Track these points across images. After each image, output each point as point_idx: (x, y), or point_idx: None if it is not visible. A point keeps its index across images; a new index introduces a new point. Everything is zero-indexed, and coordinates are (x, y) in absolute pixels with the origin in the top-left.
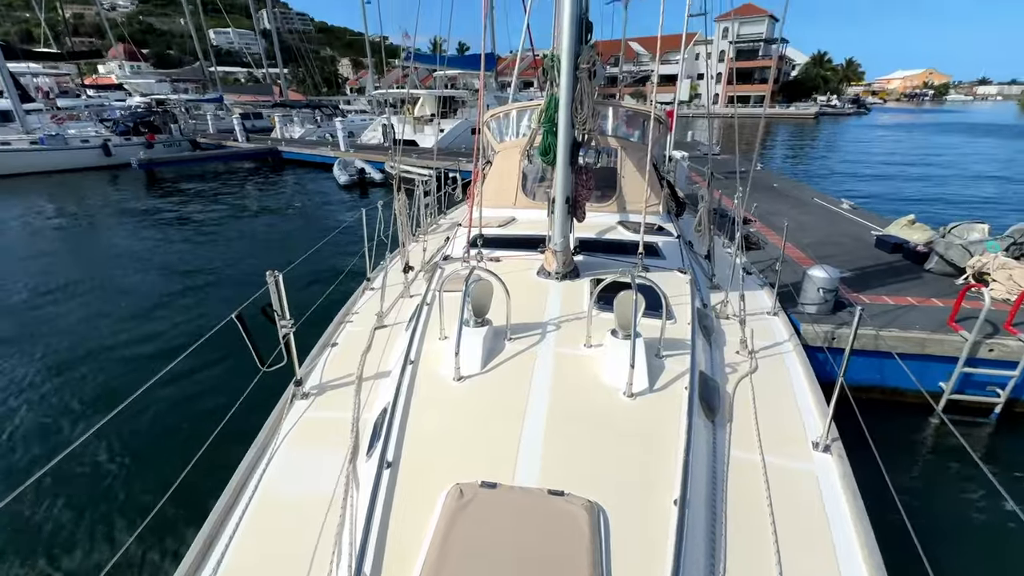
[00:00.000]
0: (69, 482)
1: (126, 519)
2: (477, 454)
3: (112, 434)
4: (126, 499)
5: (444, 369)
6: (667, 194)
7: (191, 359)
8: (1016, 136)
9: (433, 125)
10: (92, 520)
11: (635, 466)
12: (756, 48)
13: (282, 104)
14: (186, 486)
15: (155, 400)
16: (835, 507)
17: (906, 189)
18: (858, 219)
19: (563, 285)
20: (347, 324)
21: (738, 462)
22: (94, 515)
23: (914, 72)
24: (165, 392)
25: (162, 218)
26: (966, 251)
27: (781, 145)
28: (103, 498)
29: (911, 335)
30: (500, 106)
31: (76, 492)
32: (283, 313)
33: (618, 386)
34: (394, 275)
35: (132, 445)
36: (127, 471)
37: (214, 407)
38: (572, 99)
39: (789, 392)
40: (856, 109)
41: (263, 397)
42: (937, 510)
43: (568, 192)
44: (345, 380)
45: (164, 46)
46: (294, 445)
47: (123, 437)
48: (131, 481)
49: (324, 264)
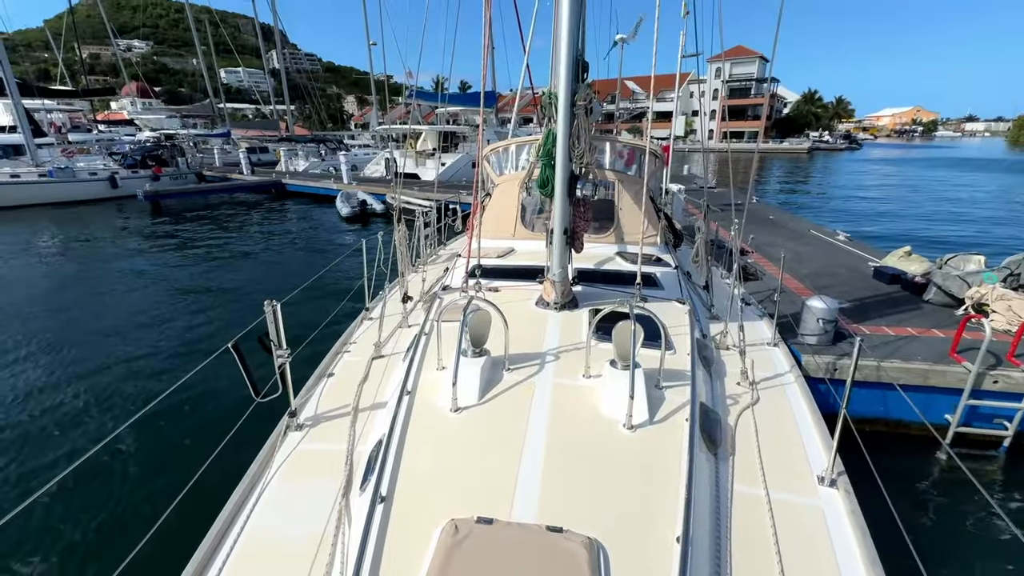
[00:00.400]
0: (47, 512)
1: (103, 557)
2: (473, 488)
3: (95, 465)
4: (105, 535)
5: (441, 400)
6: (664, 226)
7: (184, 390)
8: (1005, 170)
9: (435, 159)
10: (65, 554)
11: (635, 501)
12: (748, 87)
13: (287, 139)
14: (172, 523)
15: (144, 430)
16: (843, 544)
17: (901, 221)
18: (854, 250)
19: (562, 315)
20: (344, 354)
21: (742, 497)
22: (68, 548)
23: (903, 109)
24: (154, 423)
25: (164, 246)
26: (964, 282)
27: (776, 179)
28: (78, 531)
29: (914, 366)
30: (500, 141)
31: (51, 523)
32: (280, 343)
33: (618, 418)
34: (393, 305)
35: (116, 478)
36: (111, 505)
37: (205, 439)
38: (569, 134)
39: (792, 424)
40: (848, 145)
41: (257, 428)
42: (947, 548)
43: (566, 223)
44: (341, 411)
45: (176, 84)
46: (286, 479)
47: (108, 469)
48: (113, 516)
49: (323, 294)
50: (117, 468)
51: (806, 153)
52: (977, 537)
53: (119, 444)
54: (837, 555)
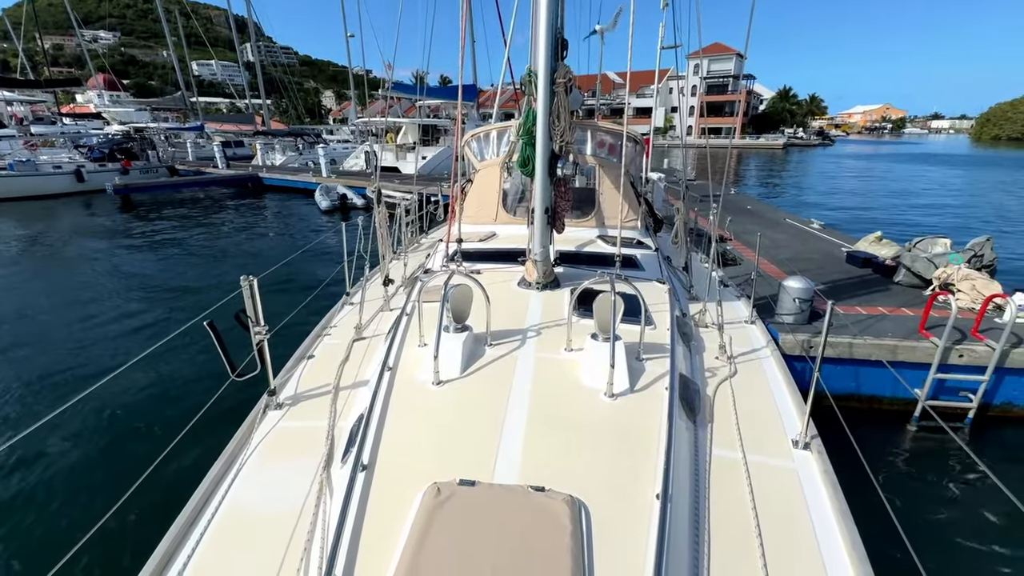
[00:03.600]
0: (7, 480)
1: (71, 530)
2: (456, 454)
3: (64, 435)
4: (73, 507)
5: (423, 374)
6: (645, 211)
7: (159, 368)
8: (968, 164)
9: (415, 152)
10: (32, 527)
11: (616, 463)
12: (726, 83)
13: (263, 132)
14: (145, 500)
15: (117, 406)
16: (817, 502)
17: (872, 210)
18: (828, 237)
19: (543, 295)
20: (325, 337)
21: (719, 460)
22: (35, 521)
23: (873, 107)
24: (125, 399)
25: (135, 241)
26: (931, 263)
27: (755, 173)
28: (47, 503)
29: (885, 343)
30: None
31: (16, 495)
32: (257, 319)
33: (599, 387)
34: (374, 290)
35: (84, 449)
36: (75, 477)
37: (180, 417)
38: (550, 112)
39: (768, 394)
40: (821, 141)
41: (236, 408)
42: (918, 506)
43: (547, 203)
44: (321, 390)
45: (146, 77)
46: (265, 455)
47: (77, 439)
48: (79, 489)
49: (303, 280)
50: (83, 444)
51: (781, 149)
52: (943, 496)
53: (86, 416)
54: (811, 512)
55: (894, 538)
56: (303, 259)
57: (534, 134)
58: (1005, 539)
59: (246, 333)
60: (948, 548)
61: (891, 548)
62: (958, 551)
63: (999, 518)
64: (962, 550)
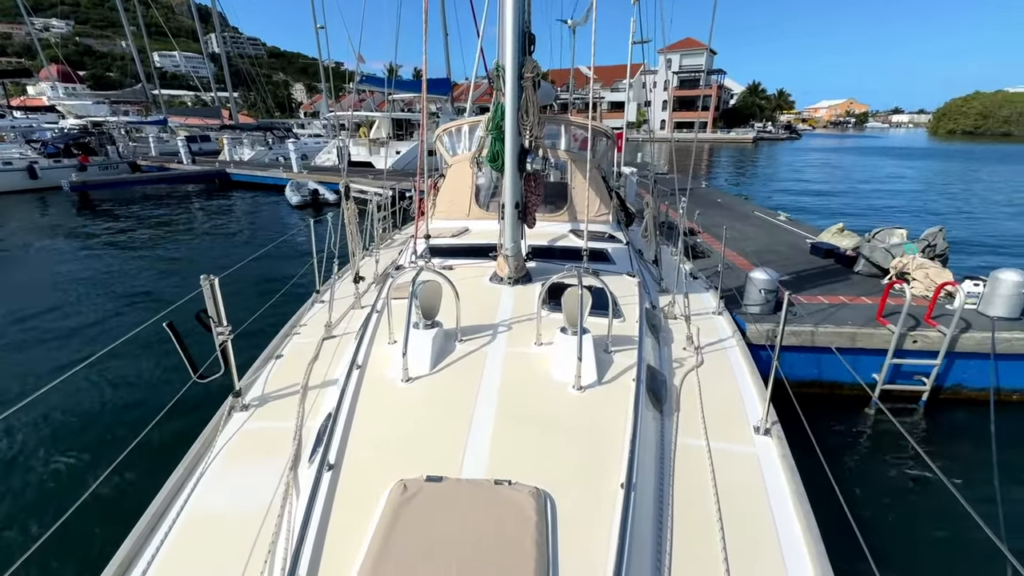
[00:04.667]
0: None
1: (21, 539)
2: (423, 451)
3: (11, 442)
4: (23, 515)
5: (392, 372)
6: (616, 205)
7: (118, 371)
8: (924, 157)
9: (388, 147)
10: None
11: (583, 454)
12: (697, 78)
13: (231, 127)
14: (102, 508)
15: (70, 411)
16: (775, 485)
17: (835, 201)
18: (794, 229)
19: (515, 290)
20: (294, 336)
21: (684, 448)
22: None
23: (838, 102)
24: (80, 404)
25: (93, 239)
26: (888, 253)
27: (726, 166)
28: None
29: (845, 330)
30: (453, 121)
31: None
32: (219, 320)
33: (567, 380)
34: (345, 287)
35: (31, 457)
36: (24, 485)
37: (135, 421)
38: (518, 107)
39: (732, 383)
40: (789, 135)
41: (200, 411)
42: (872, 487)
43: (518, 197)
44: (289, 390)
45: (103, 68)
46: (230, 458)
47: (24, 446)
48: (29, 497)
49: (273, 278)
50: (31, 452)
51: (752, 142)
52: (895, 475)
53: (33, 431)
54: (769, 495)
55: (846, 520)
56: (272, 257)
57: (503, 129)
58: (940, 519)
59: (208, 333)
60: (892, 528)
61: (844, 529)
62: (900, 530)
63: (936, 499)
64: (903, 529)
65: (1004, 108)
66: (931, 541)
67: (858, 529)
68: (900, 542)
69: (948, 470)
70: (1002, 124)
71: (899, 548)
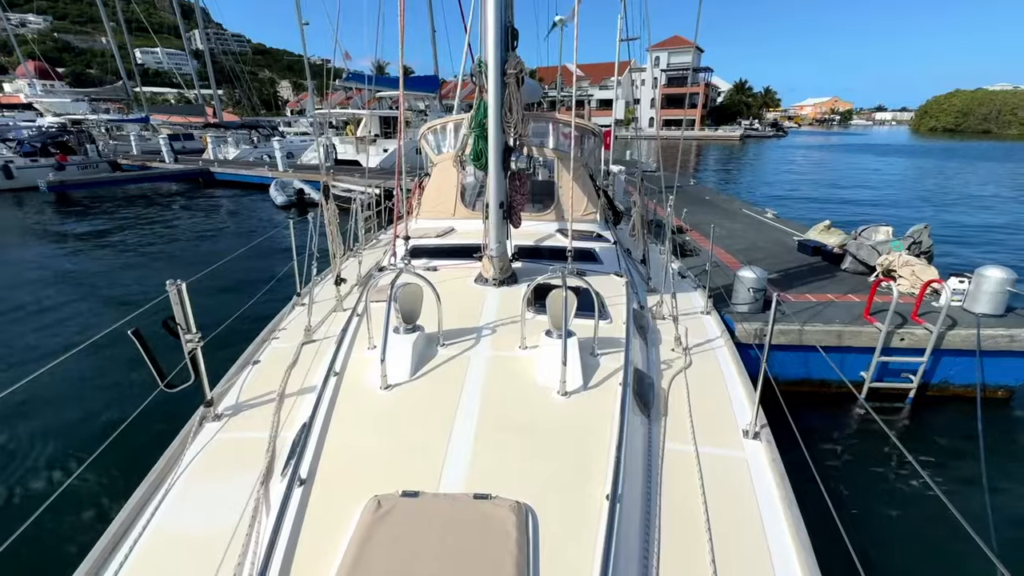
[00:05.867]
0: None
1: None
2: (400, 464)
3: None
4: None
5: (371, 379)
6: (604, 203)
7: (84, 379)
8: (908, 155)
9: (376, 146)
10: None
11: (567, 464)
12: (685, 76)
13: (214, 125)
14: (60, 525)
15: (33, 422)
16: (764, 490)
17: (821, 199)
18: (781, 226)
19: (500, 291)
20: (272, 340)
21: (672, 454)
22: None
23: (823, 99)
24: (45, 415)
25: (71, 242)
26: (875, 251)
27: (714, 164)
28: None
29: (833, 328)
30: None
31: None
32: (188, 327)
33: (552, 385)
34: (327, 290)
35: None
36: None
37: (99, 433)
38: (501, 104)
39: (721, 385)
40: (775, 133)
41: (172, 420)
42: (859, 488)
43: (502, 197)
44: (265, 398)
45: (83, 65)
46: (200, 471)
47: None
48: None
49: (253, 281)
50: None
51: (739, 140)
52: (882, 476)
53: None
54: (759, 500)
55: (834, 525)
56: (252, 258)
57: (487, 127)
58: (930, 523)
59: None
60: (880, 531)
61: (833, 535)
62: (888, 534)
63: (925, 501)
64: (892, 533)
65: (983, 106)
66: (921, 545)
67: (847, 535)
68: (889, 546)
69: (936, 467)
70: (981, 121)
71: (887, 553)
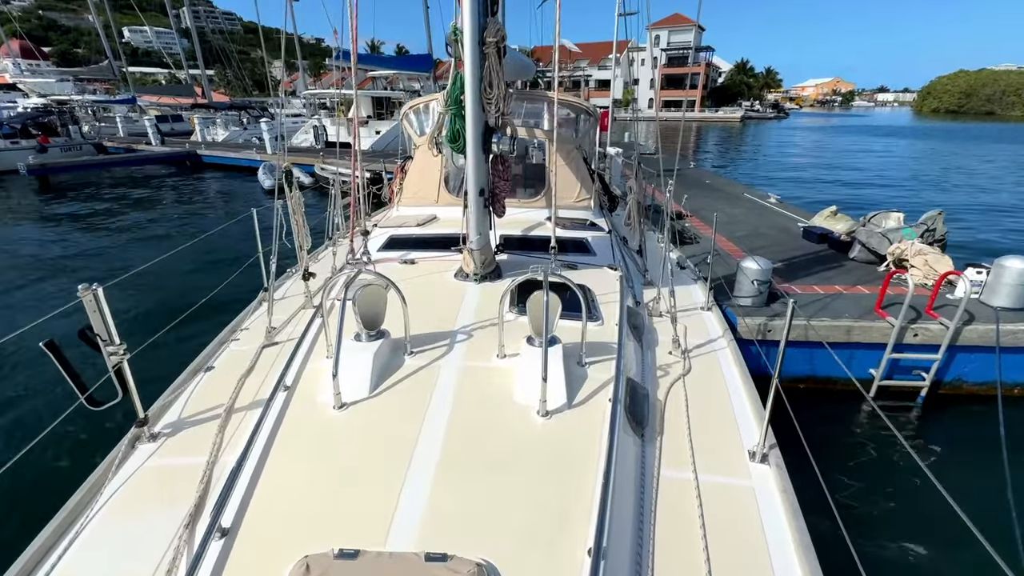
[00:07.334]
0: None
1: None
2: (342, 511)
3: None
4: None
5: (325, 395)
6: (599, 189)
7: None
8: (912, 136)
9: (368, 127)
10: None
11: (543, 508)
12: (685, 56)
13: (202, 105)
14: None
15: None
16: (774, 528)
17: (825, 183)
18: (784, 212)
19: (481, 288)
20: (232, 343)
21: (668, 483)
22: None
23: (824, 80)
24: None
25: (52, 226)
26: (885, 238)
27: (713, 146)
28: None
29: (841, 323)
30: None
31: None
32: (110, 337)
33: (531, 404)
34: (298, 285)
35: None
36: None
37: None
38: (480, 78)
39: (724, 395)
40: (777, 114)
41: (101, 444)
42: (874, 510)
43: (483, 183)
44: (212, 414)
45: (70, 44)
46: (120, 507)
47: None
48: None
49: (218, 273)
50: None
51: (739, 122)
52: (898, 490)
53: None
54: (768, 541)
55: (852, 564)
56: (222, 248)
57: (463, 103)
58: (954, 548)
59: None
60: (901, 553)
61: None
62: (906, 561)
63: (948, 525)
64: (909, 559)
65: (987, 87)
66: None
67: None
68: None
69: (955, 475)
70: (985, 103)
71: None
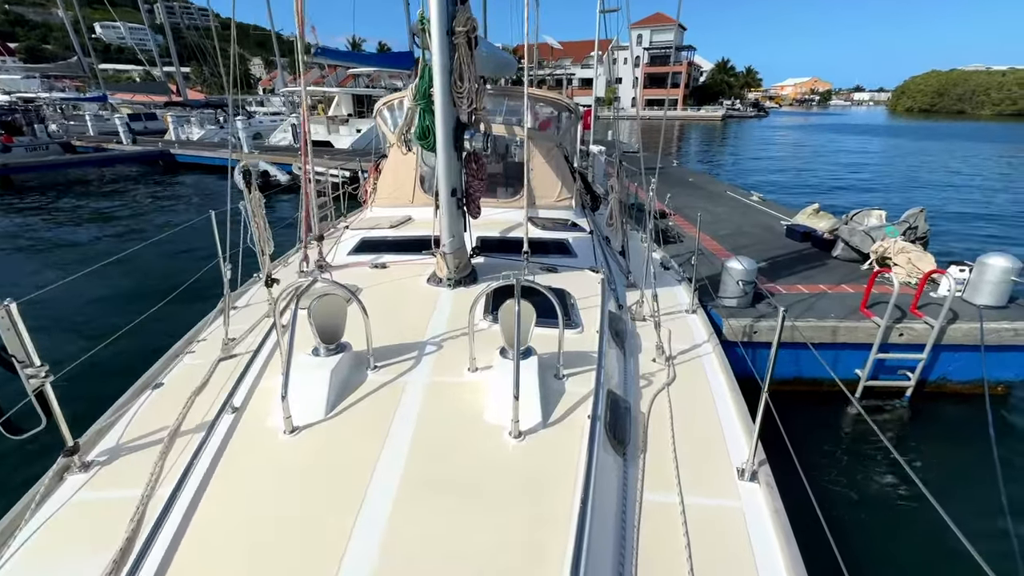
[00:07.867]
0: None
1: None
2: (287, 550)
3: None
4: None
5: (276, 418)
6: (581, 188)
7: None
8: (887, 134)
9: (348, 126)
10: None
11: (511, 544)
12: (667, 55)
13: (177, 103)
14: None
15: None
16: (765, 553)
17: (806, 180)
18: (767, 210)
19: (455, 293)
20: (186, 356)
21: (651, 507)
22: None
23: (803, 80)
24: None
25: (11, 230)
26: (868, 237)
27: (696, 145)
28: None
29: (827, 324)
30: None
31: None
32: (29, 358)
33: (503, 424)
34: (262, 292)
35: None
36: None
37: None
38: (450, 70)
39: (710, 406)
40: (757, 113)
41: (31, 474)
42: (865, 519)
43: (454, 183)
44: (156, 438)
45: (38, 39)
46: (42, 548)
47: None
48: None
49: (180, 281)
50: None
51: (721, 120)
52: (885, 494)
53: None
54: (759, 569)
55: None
56: (186, 253)
57: (432, 97)
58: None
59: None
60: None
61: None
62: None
63: (938, 532)
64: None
65: (958, 86)
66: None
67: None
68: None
69: (942, 474)
70: (956, 102)
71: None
